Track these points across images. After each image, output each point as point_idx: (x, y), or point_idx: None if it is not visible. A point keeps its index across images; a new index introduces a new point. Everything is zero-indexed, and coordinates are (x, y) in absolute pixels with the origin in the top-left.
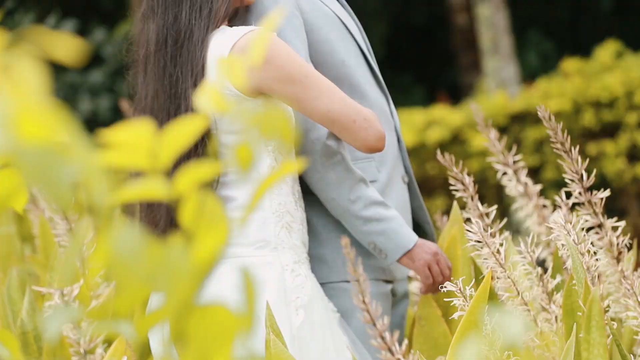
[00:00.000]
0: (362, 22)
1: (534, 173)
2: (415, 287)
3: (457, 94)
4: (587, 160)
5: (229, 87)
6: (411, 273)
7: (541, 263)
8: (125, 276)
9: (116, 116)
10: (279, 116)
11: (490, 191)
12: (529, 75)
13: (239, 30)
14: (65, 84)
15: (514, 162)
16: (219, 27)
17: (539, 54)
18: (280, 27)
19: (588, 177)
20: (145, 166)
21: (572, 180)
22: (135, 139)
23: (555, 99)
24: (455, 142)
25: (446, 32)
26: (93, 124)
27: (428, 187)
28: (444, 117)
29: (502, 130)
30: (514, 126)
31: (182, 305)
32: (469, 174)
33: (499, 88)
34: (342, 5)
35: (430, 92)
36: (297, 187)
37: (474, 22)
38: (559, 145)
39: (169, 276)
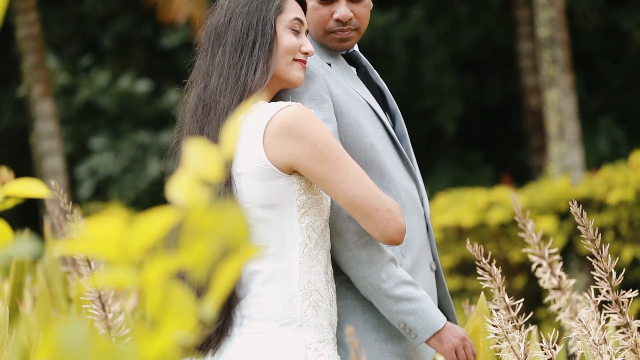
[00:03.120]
0: (436, 99)
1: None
2: None
3: (525, 176)
4: (617, 259)
5: (265, 161)
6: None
7: (572, 357)
8: None
9: None
10: (237, 219)
11: None
12: (597, 161)
13: (275, 106)
14: (135, 143)
15: (549, 254)
16: (250, 100)
17: (609, 140)
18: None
19: (617, 276)
20: (115, 257)
21: (601, 278)
22: (105, 231)
23: (619, 189)
24: (515, 225)
25: (519, 113)
26: (161, 185)
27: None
28: (505, 198)
29: (564, 216)
30: None
31: None
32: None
33: (563, 173)
34: (380, 87)
35: (499, 172)
36: (330, 267)
37: (543, 106)
38: (589, 242)
39: None
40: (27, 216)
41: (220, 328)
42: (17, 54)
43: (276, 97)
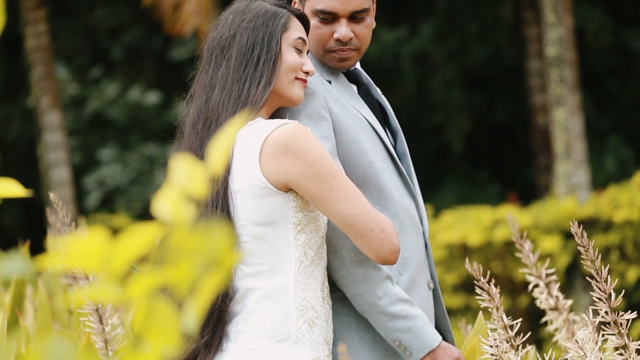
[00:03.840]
0: (444, 116)
1: None
2: None
3: (532, 194)
4: (617, 280)
5: (261, 179)
6: None
7: None
8: None
9: None
10: (221, 240)
11: None
12: (604, 181)
13: (272, 123)
14: (144, 155)
15: (547, 275)
16: (251, 116)
17: (616, 160)
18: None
19: (616, 297)
20: (99, 271)
21: (600, 299)
22: (89, 247)
23: (625, 208)
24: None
25: (527, 131)
26: None
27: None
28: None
29: (569, 235)
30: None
31: None
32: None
33: (569, 192)
34: (382, 104)
35: (506, 190)
36: (327, 284)
37: (550, 124)
38: (589, 263)
39: None
40: (32, 227)
41: (208, 342)
42: (26, 65)
43: (274, 114)
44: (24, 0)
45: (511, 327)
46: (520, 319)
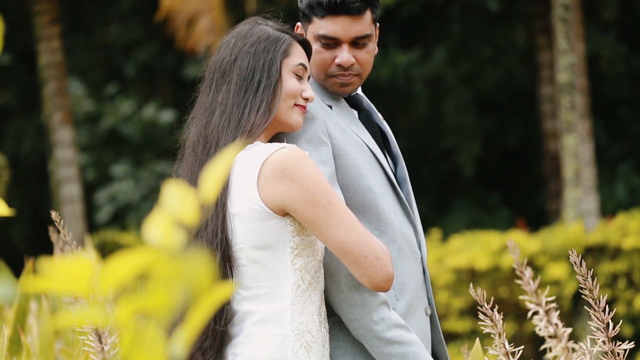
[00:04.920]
0: (455, 140)
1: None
2: None
3: (542, 220)
4: (623, 307)
5: (259, 203)
6: None
7: None
8: None
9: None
10: (200, 268)
11: (563, 320)
12: (615, 208)
13: (270, 147)
14: (156, 173)
15: (547, 302)
16: (250, 141)
17: (627, 187)
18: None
19: (614, 327)
20: (86, 295)
21: (598, 329)
22: (76, 270)
23: (633, 236)
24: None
25: (538, 157)
26: None
27: (498, 311)
28: (519, 243)
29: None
30: (588, 258)
31: None
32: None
33: (577, 219)
34: (383, 130)
35: (516, 215)
36: (324, 308)
37: (560, 151)
38: (587, 292)
39: None
40: (41, 243)
41: None
42: (39, 81)
43: (274, 138)
44: (38, 17)
45: (513, 354)
46: (523, 346)
